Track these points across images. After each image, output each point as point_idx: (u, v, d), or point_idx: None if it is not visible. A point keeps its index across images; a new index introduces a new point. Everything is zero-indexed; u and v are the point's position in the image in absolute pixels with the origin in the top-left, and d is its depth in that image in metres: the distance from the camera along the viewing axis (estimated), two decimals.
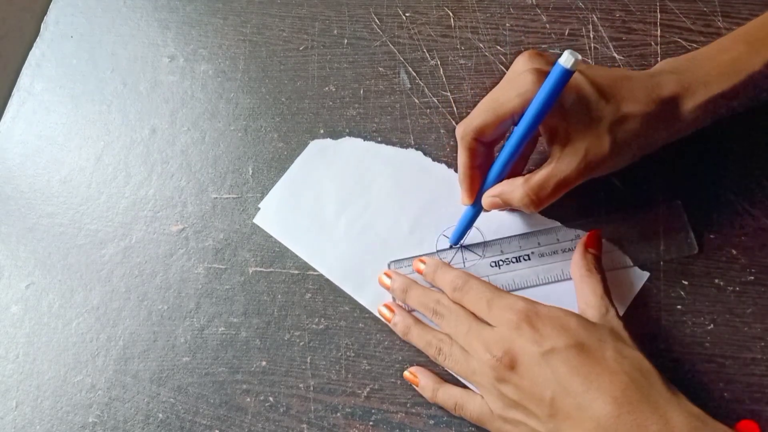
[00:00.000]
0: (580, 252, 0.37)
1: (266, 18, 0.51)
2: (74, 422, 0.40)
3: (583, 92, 0.34)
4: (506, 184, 0.35)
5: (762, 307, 0.36)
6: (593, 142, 0.33)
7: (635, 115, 0.34)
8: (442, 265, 0.39)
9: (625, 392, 0.29)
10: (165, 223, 0.45)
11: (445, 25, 0.48)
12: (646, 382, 0.30)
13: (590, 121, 0.33)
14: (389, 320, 0.39)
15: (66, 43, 0.53)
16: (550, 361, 0.31)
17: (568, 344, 0.31)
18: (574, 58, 0.30)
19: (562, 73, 0.31)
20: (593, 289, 0.35)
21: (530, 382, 0.31)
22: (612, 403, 0.29)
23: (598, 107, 0.33)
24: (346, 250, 0.42)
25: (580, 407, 0.30)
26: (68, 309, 0.43)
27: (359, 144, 0.45)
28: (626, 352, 0.31)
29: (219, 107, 0.48)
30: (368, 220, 0.42)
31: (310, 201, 0.44)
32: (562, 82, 0.31)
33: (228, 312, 0.41)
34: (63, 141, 0.49)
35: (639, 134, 0.34)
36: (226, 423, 0.39)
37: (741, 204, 0.39)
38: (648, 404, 0.29)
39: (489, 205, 0.37)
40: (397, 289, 0.39)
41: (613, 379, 0.30)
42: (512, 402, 0.32)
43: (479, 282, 0.36)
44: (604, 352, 0.31)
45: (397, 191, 0.43)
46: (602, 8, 0.46)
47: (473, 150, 0.36)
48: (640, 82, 0.35)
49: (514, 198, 0.35)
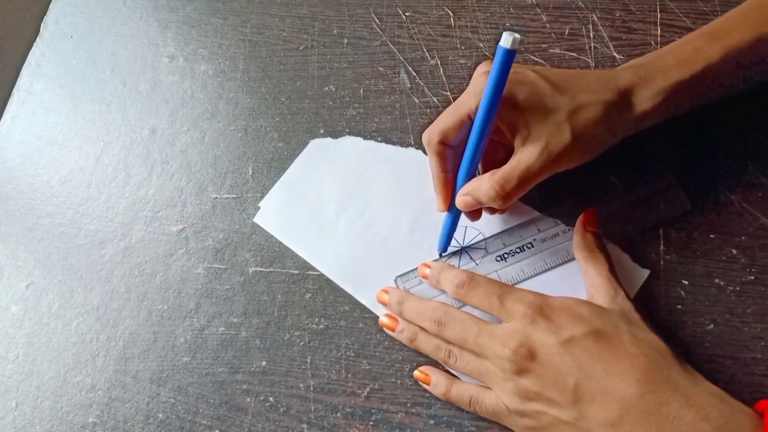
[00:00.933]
0: (579, 233, 0.37)
1: (266, 18, 0.51)
2: (74, 422, 0.40)
3: (536, 86, 0.34)
4: (474, 182, 0.36)
5: (762, 307, 0.36)
6: (553, 133, 0.34)
7: (592, 103, 0.34)
8: (447, 266, 0.39)
9: (647, 373, 0.30)
10: (165, 223, 0.45)
11: (445, 25, 0.48)
12: (665, 362, 0.31)
13: (548, 113, 0.34)
14: (392, 329, 0.38)
15: (66, 43, 0.53)
16: (570, 350, 0.31)
17: (585, 332, 0.32)
18: (512, 36, 0.31)
19: (504, 54, 0.31)
20: (598, 270, 0.35)
21: (552, 371, 0.32)
22: (635, 384, 0.30)
23: (554, 99, 0.34)
24: (347, 250, 0.42)
25: (605, 390, 0.30)
26: (68, 309, 0.43)
27: (359, 143, 0.45)
28: (642, 335, 0.32)
29: (219, 107, 0.48)
30: (368, 220, 0.42)
31: (310, 200, 0.44)
32: (506, 63, 0.31)
33: (228, 312, 0.41)
34: (63, 141, 0.49)
35: (598, 121, 0.34)
36: (226, 423, 0.39)
37: (741, 204, 0.39)
38: (669, 384, 0.30)
39: (461, 204, 0.37)
40: (392, 303, 0.39)
41: (633, 361, 0.31)
42: (532, 393, 0.32)
43: (486, 278, 0.36)
44: (621, 337, 0.32)
45: (397, 190, 0.43)
46: (602, 8, 0.46)
47: (442, 154, 0.37)
48: (596, 76, 0.36)
49: (482, 193, 0.35)
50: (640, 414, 0.30)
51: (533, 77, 0.35)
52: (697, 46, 0.36)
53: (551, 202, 0.40)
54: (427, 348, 0.37)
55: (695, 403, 0.30)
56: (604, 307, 0.34)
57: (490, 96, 0.33)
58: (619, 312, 0.33)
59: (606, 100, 0.35)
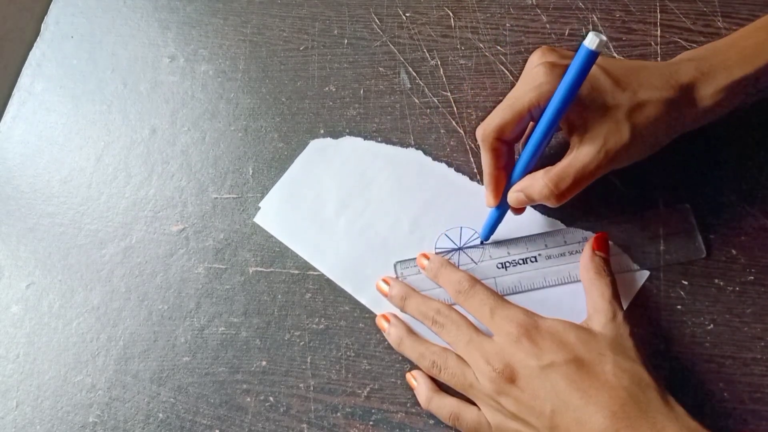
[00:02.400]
0: (588, 255, 0.37)
1: (266, 18, 0.51)
2: (74, 422, 0.40)
3: (597, 82, 0.33)
4: (528, 179, 0.35)
5: (762, 307, 0.36)
6: (612, 130, 0.33)
7: (653, 101, 0.33)
8: (447, 263, 0.38)
9: (624, 407, 0.29)
10: (165, 223, 0.45)
11: (445, 25, 0.48)
12: (644, 396, 0.30)
13: (607, 110, 0.33)
14: (384, 330, 0.39)
15: (66, 43, 0.53)
16: (549, 375, 0.31)
17: (566, 359, 0.31)
18: (599, 39, 0.29)
19: (587, 55, 0.30)
20: (602, 292, 0.35)
21: (530, 396, 0.31)
22: (611, 417, 0.29)
23: (614, 95, 0.33)
24: (347, 250, 0.42)
25: (580, 421, 0.30)
26: (68, 309, 0.43)
27: (359, 143, 0.45)
28: (626, 366, 0.31)
29: (219, 107, 0.48)
30: (368, 220, 0.42)
31: (310, 200, 0.44)
32: (588, 64, 0.30)
33: (228, 312, 0.41)
34: (63, 141, 0.49)
35: (659, 120, 0.33)
36: (227, 423, 0.39)
37: (741, 204, 0.39)
38: (646, 420, 0.29)
39: (514, 201, 0.36)
40: (395, 296, 0.39)
41: (612, 394, 0.30)
42: (511, 414, 0.32)
43: (484, 288, 0.36)
44: (603, 367, 0.31)
45: (397, 190, 0.43)
46: (602, 8, 0.46)
47: (496, 150, 0.36)
48: (657, 70, 0.35)
49: (535, 191, 0.34)
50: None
51: (594, 71, 0.33)
52: (760, 40, 0.35)
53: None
54: (412, 354, 0.37)
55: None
56: (593, 333, 0.33)
57: (565, 95, 0.31)
58: (611, 338, 0.32)
59: (668, 98, 0.33)
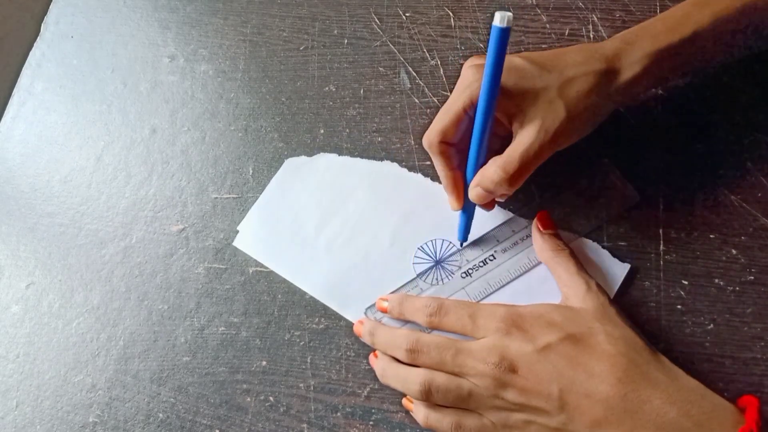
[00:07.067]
0: (537, 236, 0.38)
1: (266, 18, 0.51)
2: (75, 422, 0.40)
3: (523, 71, 0.34)
4: (480, 172, 0.36)
5: (762, 307, 0.36)
6: (547, 110, 0.34)
7: (580, 75, 0.34)
8: (406, 296, 0.38)
9: (627, 372, 0.31)
10: (165, 223, 0.45)
11: (445, 25, 0.48)
12: (642, 359, 0.32)
13: (538, 93, 0.34)
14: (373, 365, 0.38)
15: (66, 43, 0.53)
16: (548, 357, 0.32)
17: (560, 338, 0.32)
18: (506, 15, 0.31)
19: (499, 33, 0.31)
20: (566, 267, 0.36)
21: (535, 381, 0.32)
22: (617, 384, 0.30)
23: (542, 78, 0.34)
24: (329, 267, 0.41)
25: (588, 394, 0.31)
26: (68, 309, 0.43)
27: (334, 159, 0.44)
28: (616, 333, 0.32)
29: (219, 107, 0.48)
30: (348, 236, 0.42)
31: (288, 220, 0.43)
32: (502, 42, 0.31)
33: (228, 312, 0.41)
34: (63, 141, 0.49)
35: (590, 92, 0.34)
36: (227, 423, 0.39)
37: (741, 204, 0.39)
38: (649, 381, 0.31)
39: (474, 197, 0.37)
40: (365, 335, 0.38)
41: (612, 362, 0.31)
42: (516, 406, 0.32)
43: (454, 301, 0.36)
44: (596, 338, 0.32)
45: (375, 204, 0.42)
46: (602, 8, 0.46)
47: (444, 153, 0.37)
48: (581, 50, 0.36)
49: (488, 180, 0.35)
50: (624, 413, 0.30)
51: (519, 62, 0.35)
52: (687, 11, 0.36)
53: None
54: (397, 384, 0.36)
55: (676, 400, 0.30)
56: (576, 309, 0.34)
57: (490, 78, 0.32)
58: (593, 310, 0.34)
59: (594, 70, 0.34)
